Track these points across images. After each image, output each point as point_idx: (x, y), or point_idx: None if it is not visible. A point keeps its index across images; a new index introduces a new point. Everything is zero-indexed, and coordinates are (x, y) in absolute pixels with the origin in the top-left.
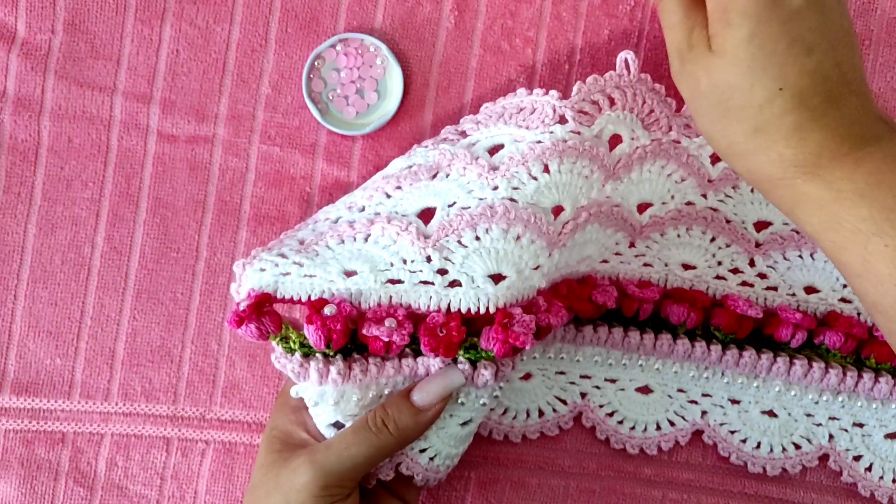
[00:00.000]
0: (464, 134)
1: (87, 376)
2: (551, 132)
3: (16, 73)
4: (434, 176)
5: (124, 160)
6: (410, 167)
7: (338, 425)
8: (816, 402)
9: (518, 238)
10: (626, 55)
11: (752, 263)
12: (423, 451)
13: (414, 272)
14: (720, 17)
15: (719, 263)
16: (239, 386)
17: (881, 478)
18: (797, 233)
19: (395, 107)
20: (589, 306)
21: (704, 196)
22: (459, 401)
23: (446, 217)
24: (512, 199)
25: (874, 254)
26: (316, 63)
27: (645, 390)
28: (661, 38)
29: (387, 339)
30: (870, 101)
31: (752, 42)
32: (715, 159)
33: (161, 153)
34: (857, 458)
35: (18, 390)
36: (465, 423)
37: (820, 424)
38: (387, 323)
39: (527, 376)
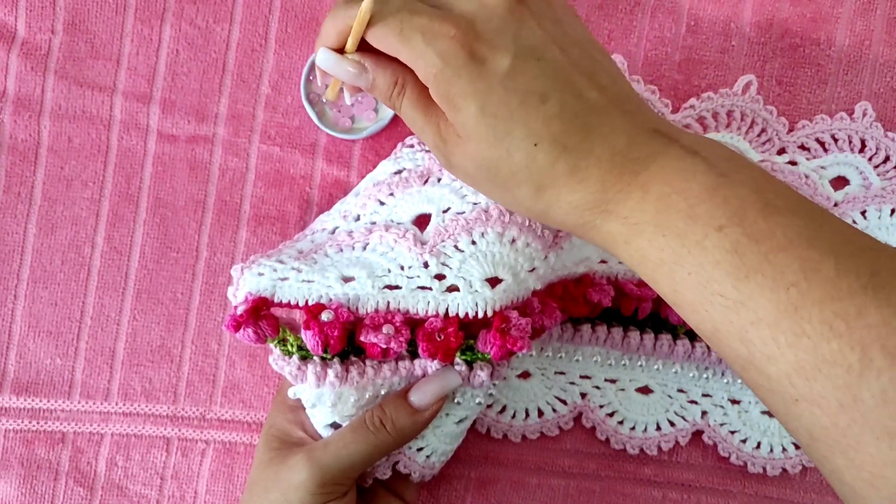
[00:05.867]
0: None
1: (87, 376)
2: None
3: (16, 73)
4: (426, 181)
5: (124, 160)
6: (400, 172)
7: (335, 426)
8: None
9: (513, 241)
10: (615, 58)
11: None
12: (419, 449)
13: (411, 278)
14: (449, 106)
15: None
16: (239, 386)
17: None
18: None
19: (392, 112)
20: (584, 307)
21: None
22: (455, 400)
23: (442, 223)
24: None
25: (681, 283)
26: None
27: (645, 390)
28: (662, 37)
29: (384, 346)
30: (641, 113)
31: (485, 115)
32: None
33: (161, 153)
34: None
35: (18, 390)
36: (460, 421)
37: None
38: (384, 329)
39: (525, 375)
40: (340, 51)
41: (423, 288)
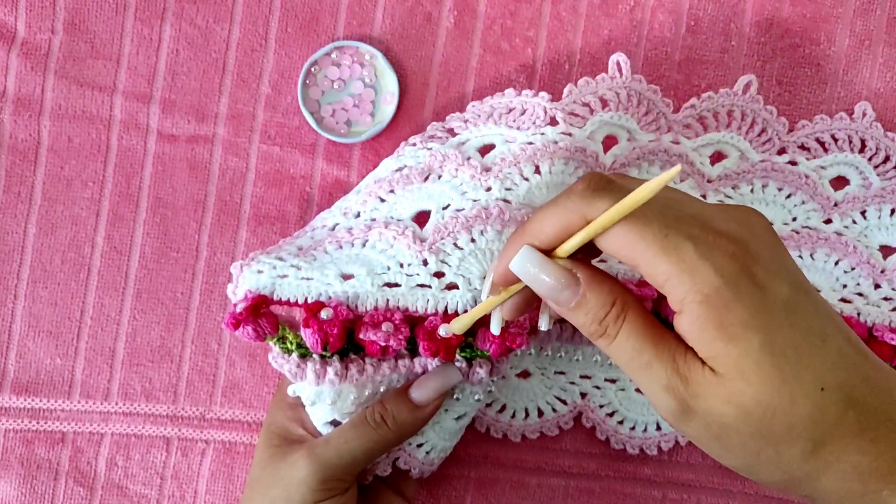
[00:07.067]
0: (451, 132)
1: (87, 376)
2: (542, 133)
3: (16, 73)
4: (426, 178)
5: (124, 160)
6: (401, 170)
7: (334, 423)
8: None
9: None
10: (617, 57)
11: None
12: (419, 445)
13: (411, 276)
14: (715, 335)
15: None
16: (239, 386)
17: None
18: (797, 233)
19: (390, 115)
20: None
21: (704, 196)
22: (455, 396)
23: (441, 220)
24: (506, 201)
25: None
26: (312, 69)
27: None
28: (661, 37)
29: (384, 344)
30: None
31: (771, 352)
32: (714, 160)
33: (161, 153)
34: None
35: (18, 390)
36: (459, 418)
37: None
38: (384, 327)
39: (525, 374)
40: (545, 252)
41: (422, 286)
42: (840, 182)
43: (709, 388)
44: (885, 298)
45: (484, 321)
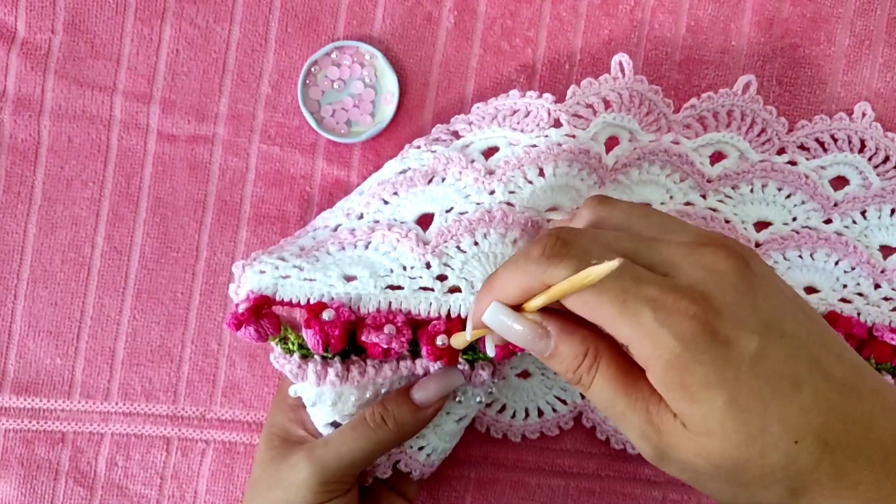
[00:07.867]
0: (456, 134)
1: (87, 376)
2: (546, 136)
3: (16, 73)
4: (430, 181)
5: (124, 160)
6: (405, 172)
7: (335, 425)
8: None
9: (515, 242)
10: (620, 58)
11: None
12: (420, 448)
13: (414, 278)
14: (682, 395)
15: None
16: (239, 386)
17: None
18: (797, 233)
19: (390, 115)
20: None
21: (704, 196)
22: (457, 399)
23: (444, 223)
24: (509, 204)
25: None
26: (312, 69)
27: None
28: (662, 37)
29: (386, 346)
30: (883, 386)
31: (734, 409)
32: (714, 160)
33: (161, 153)
34: None
35: (18, 390)
36: (460, 420)
37: None
38: (386, 329)
39: (525, 374)
40: (515, 307)
41: (425, 289)
42: (840, 182)
43: (680, 440)
44: (885, 298)
45: None
